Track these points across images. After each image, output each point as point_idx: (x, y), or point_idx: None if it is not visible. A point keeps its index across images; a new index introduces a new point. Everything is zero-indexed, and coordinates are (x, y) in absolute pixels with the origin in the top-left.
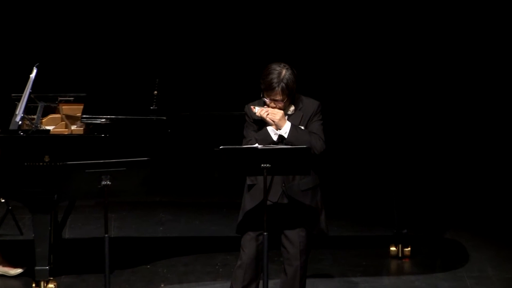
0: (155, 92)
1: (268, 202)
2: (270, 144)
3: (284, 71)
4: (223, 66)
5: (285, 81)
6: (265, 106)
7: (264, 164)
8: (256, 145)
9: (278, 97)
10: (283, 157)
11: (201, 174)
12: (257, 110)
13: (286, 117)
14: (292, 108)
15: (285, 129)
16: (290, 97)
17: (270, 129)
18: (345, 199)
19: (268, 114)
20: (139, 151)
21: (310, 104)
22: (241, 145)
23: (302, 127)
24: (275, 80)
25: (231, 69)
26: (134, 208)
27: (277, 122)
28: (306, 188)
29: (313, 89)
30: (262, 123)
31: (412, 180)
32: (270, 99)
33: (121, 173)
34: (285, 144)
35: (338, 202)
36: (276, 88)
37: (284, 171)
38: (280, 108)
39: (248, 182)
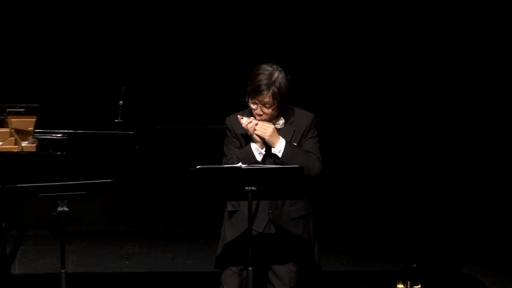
0: (121, 102)
1: (253, 232)
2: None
3: (276, 73)
4: (201, 72)
5: (277, 84)
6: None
7: (248, 186)
8: (240, 164)
9: (267, 99)
10: (271, 179)
11: (174, 199)
12: (245, 121)
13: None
14: (282, 121)
15: (279, 147)
16: (281, 105)
17: (255, 147)
18: (343, 228)
19: (257, 129)
20: (101, 172)
21: (303, 117)
22: (221, 164)
23: (295, 145)
24: (265, 82)
25: (210, 75)
26: (96, 238)
27: (268, 138)
28: (297, 216)
29: (304, 100)
30: (246, 138)
31: (422, 206)
32: (257, 104)
33: (80, 198)
34: (277, 164)
35: (334, 232)
36: (265, 91)
37: (272, 195)
38: (268, 116)
39: (229, 208)
